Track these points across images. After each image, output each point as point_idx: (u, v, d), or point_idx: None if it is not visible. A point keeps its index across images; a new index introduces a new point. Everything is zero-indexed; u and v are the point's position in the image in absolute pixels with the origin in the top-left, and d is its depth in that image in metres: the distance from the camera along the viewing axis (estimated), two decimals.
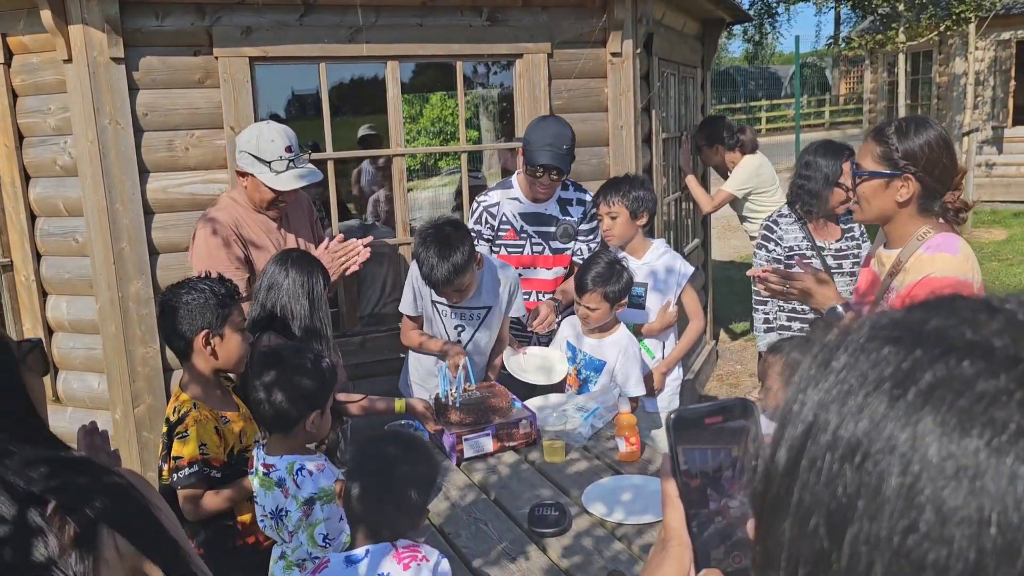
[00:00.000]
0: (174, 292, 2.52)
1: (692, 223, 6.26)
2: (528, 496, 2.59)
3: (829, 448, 0.48)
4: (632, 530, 2.35)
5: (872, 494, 0.45)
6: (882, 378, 0.47)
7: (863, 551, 0.44)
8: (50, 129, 3.60)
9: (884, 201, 2.24)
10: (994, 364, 0.45)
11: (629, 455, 2.77)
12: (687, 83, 5.92)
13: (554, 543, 2.31)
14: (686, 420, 0.76)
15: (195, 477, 2.41)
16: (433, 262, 2.94)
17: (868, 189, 2.27)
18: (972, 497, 0.42)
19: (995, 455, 0.42)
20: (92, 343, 3.69)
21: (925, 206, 2.23)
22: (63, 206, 3.65)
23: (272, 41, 3.64)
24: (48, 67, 3.54)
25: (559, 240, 3.60)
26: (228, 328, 2.50)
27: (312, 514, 2.22)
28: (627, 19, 4.19)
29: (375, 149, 6.26)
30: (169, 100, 3.55)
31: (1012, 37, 11.66)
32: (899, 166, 2.19)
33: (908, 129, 2.22)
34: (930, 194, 2.21)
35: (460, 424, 2.89)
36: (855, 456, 0.46)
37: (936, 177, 2.20)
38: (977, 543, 0.41)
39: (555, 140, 3.36)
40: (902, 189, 2.20)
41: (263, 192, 3.11)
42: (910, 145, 2.19)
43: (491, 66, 8.61)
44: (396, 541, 1.86)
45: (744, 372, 6.53)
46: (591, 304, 3.24)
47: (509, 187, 3.62)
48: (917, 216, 2.24)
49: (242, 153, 3.09)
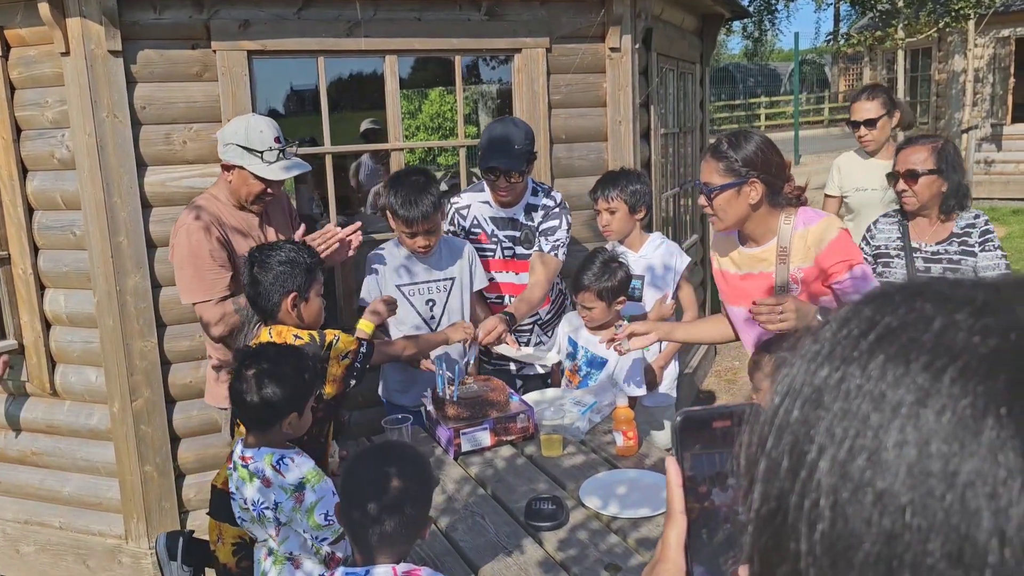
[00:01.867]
0: (266, 254, 2.64)
1: (691, 219, 6.26)
2: (525, 490, 2.59)
3: (790, 396, 0.48)
4: (628, 524, 2.35)
5: (826, 434, 0.44)
6: (850, 331, 0.47)
7: (820, 485, 0.44)
8: (48, 122, 3.60)
9: (739, 207, 2.55)
10: (958, 303, 0.44)
11: (626, 449, 2.78)
12: (686, 79, 5.92)
13: (550, 536, 2.32)
14: (693, 422, 0.74)
15: (370, 349, 2.72)
16: (411, 197, 3.10)
17: (723, 201, 2.55)
18: (912, 427, 0.41)
19: (936, 382, 0.41)
20: (90, 336, 3.69)
21: (773, 200, 2.55)
22: (61, 199, 3.64)
23: (270, 35, 3.64)
24: (46, 60, 3.54)
25: (523, 246, 3.57)
26: (312, 293, 2.67)
27: (305, 498, 2.23)
28: (626, 14, 4.19)
29: (378, 143, 6.26)
30: (167, 93, 3.55)
31: (1011, 34, 11.65)
32: (742, 174, 2.50)
33: (739, 141, 2.53)
34: (773, 190, 2.53)
35: (457, 418, 2.90)
36: (814, 402, 0.46)
37: (774, 174, 2.52)
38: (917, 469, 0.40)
39: (503, 142, 3.35)
40: (751, 192, 2.52)
41: (251, 185, 3.08)
42: (745, 153, 2.51)
43: (490, 61, 8.61)
44: (397, 564, 1.81)
45: (742, 368, 6.53)
46: (587, 303, 3.24)
47: (481, 190, 3.60)
48: (772, 210, 2.56)
49: (229, 146, 3.05)
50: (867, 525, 0.41)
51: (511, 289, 3.62)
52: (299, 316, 2.64)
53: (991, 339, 0.41)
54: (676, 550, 0.73)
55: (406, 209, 3.11)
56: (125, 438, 3.65)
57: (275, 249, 2.66)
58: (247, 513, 2.31)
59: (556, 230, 3.54)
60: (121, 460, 3.70)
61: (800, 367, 0.48)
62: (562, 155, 4.22)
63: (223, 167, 3.13)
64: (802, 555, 0.44)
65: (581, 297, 3.24)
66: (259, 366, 2.25)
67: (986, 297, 0.44)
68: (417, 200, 3.10)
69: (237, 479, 2.31)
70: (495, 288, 3.61)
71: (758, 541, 0.48)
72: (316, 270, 2.69)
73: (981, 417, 0.39)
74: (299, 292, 2.62)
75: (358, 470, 1.88)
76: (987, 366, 0.41)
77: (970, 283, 0.46)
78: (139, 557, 3.76)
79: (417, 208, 3.10)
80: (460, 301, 3.39)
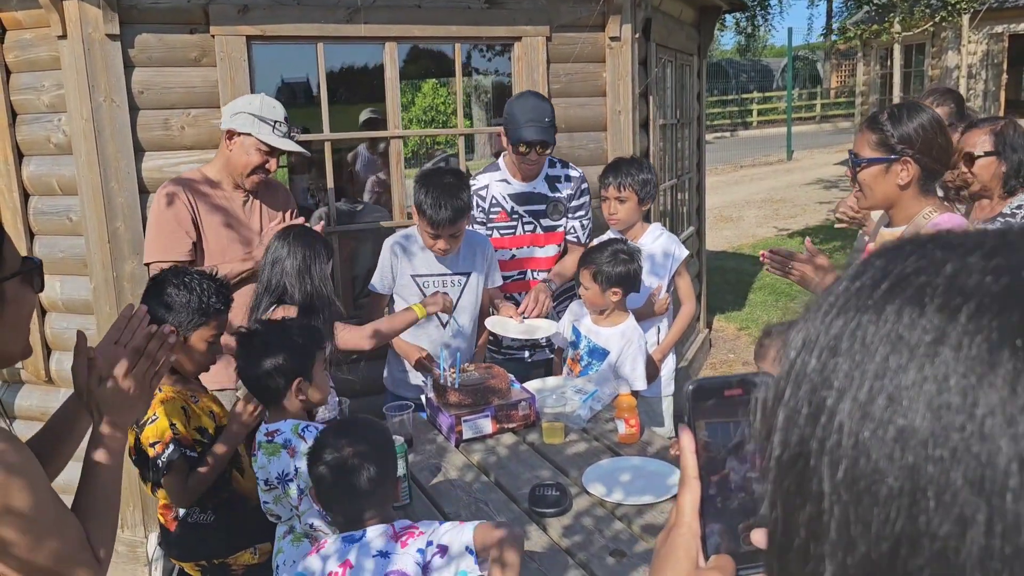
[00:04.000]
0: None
1: (687, 211, 6.25)
2: (528, 477, 2.58)
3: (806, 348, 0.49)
4: (632, 510, 2.35)
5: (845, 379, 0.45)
6: (863, 282, 0.48)
7: (841, 427, 0.45)
8: (44, 106, 3.56)
9: (886, 186, 2.31)
10: (968, 248, 0.45)
11: (629, 437, 2.77)
12: (684, 71, 5.91)
13: (554, 523, 2.31)
14: (705, 391, 0.73)
15: (176, 455, 2.36)
16: (441, 200, 3.01)
17: (869, 176, 2.33)
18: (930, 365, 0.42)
19: (951, 321, 0.42)
20: (86, 323, 3.65)
21: (926, 187, 2.30)
22: (57, 184, 3.61)
23: (269, 20, 3.61)
24: (42, 43, 3.50)
25: (550, 218, 3.60)
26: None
27: None
28: (626, 3, 4.17)
29: None
30: (165, 78, 3.51)
31: (1005, 31, 11.70)
32: (896, 150, 2.26)
33: (901, 114, 2.29)
34: (930, 175, 2.29)
35: (459, 405, 2.88)
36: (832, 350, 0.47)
37: (934, 157, 2.27)
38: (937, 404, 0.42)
39: (537, 115, 3.37)
40: (902, 172, 2.27)
41: (251, 156, 3.08)
42: (905, 129, 2.26)
43: (485, 51, 8.58)
44: (393, 523, 1.86)
45: (737, 361, 6.55)
46: (583, 281, 3.23)
47: (496, 169, 3.61)
48: (920, 197, 2.31)
49: (240, 114, 3.06)
50: (890, 461, 0.42)
51: (534, 264, 3.63)
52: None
53: (1003, 278, 0.43)
54: (691, 515, 0.73)
55: (434, 211, 3.03)
56: None
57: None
58: (271, 492, 2.30)
59: (586, 209, 3.66)
60: None
61: (815, 320, 0.50)
62: (562, 144, 4.20)
63: (226, 135, 3.10)
64: (825, 495, 0.45)
65: (581, 274, 3.23)
66: (253, 342, 2.29)
67: (995, 242, 0.46)
68: (447, 204, 3.02)
69: (261, 459, 2.31)
70: (518, 264, 3.60)
71: (779, 487, 0.49)
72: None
73: (997, 350, 0.41)
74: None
75: (316, 451, 1.94)
76: (1000, 303, 0.42)
77: (977, 232, 0.48)
78: (135, 546, 3.74)
79: (446, 212, 3.02)
80: (474, 297, 3.36)
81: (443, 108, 20.23)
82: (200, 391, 2.61)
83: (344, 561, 1.81)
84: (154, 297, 2.44)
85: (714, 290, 7.82)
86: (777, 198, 14.43)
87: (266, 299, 2.81)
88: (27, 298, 1.42)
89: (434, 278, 3.28)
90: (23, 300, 1.40)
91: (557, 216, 3.61)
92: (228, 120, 3.09)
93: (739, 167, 18.88)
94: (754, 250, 10.52)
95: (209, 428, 2.52)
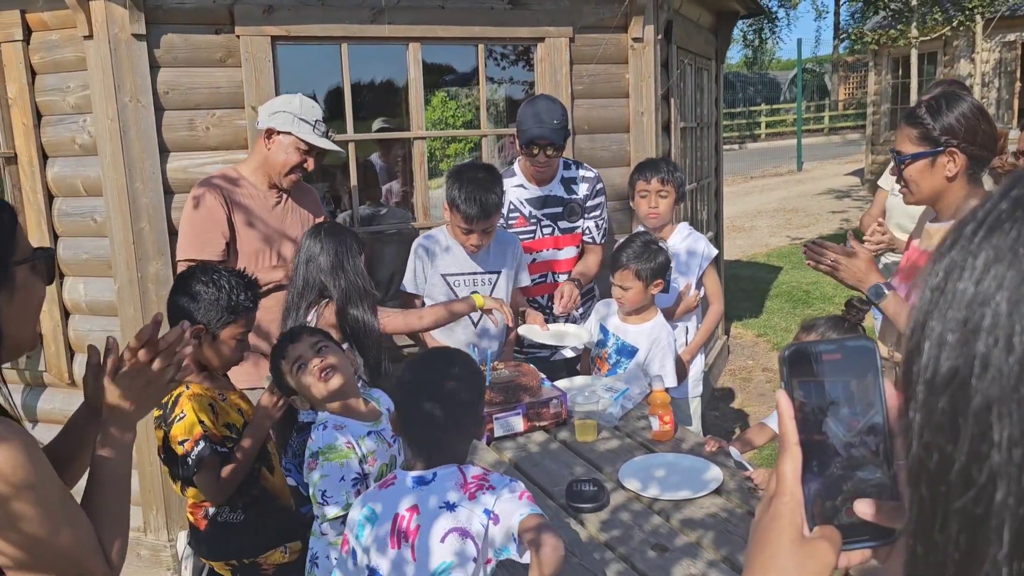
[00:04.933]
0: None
1: (707, 215, 6.22)
2: (562, 473, 2.54)
3: (957, 270, 0.48)
4: (670, 505, 2.31)
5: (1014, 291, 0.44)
6: (1016, 197, 0.47)
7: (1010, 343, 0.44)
8: (69, 107, 3.56)
9: (933, 180, 2.26)
10: None
11: (663, 434, 2.73)
12: (702, 75, 5.90)
13: (592, 518, 2.27)
14: (802, 355, 0.70)
15: (208, 451, 2.34)
16: (473, 196, 3.01)
17: (915, 172, 2.28)
18: None
19: None
20: (109, 325, 3.64)
21: (974, 176, 2.25)
22: (81, 186, 3.60)
23: (294, 21, 3.61)
24: (68, 44, 3.50)
25: (567, 220, 3.59)
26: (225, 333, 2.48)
27: (316, 468, 2.20)
28: (649, 4, 4.16)
29: (388, 143, 6.24)
30: (190, 79, 3.51)
31: (1018, 39, 11.67)
32: (940, 142, 2.21)
33: (940, 106, 2.24)
34: (978, 162, 2.23)
35: (490, 403, 2.85)
36: (989, 265, 0.46)
37: (980, 144, 2.22)
38: None
39: (545, 116, 3.36)
40: (949, 164, 2.23)
41: (290, 155, 3.08)
42: (947, 120, 2.21)
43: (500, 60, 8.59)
44: (464, 467, 1.80)
45: (757, 367, 6.50)
46: (624, 283, 3.19)
47: (512, 175, 3.59)
48: (968, 188, 2.26)
49: (279, 113, 3.06)
50: None
51: (555, 266, 3.62)
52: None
53: None
54: (793, 482, 0.69)
55: (468, 205, 3.02)
56: (144, 429, 3.59)
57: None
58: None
59: (602, 209, 3.63)
60: (140, 451, 3.63)
61: (961, 244, 0.49)
62: (584, 146, 4.19)
63: (266, 134, 3.09)
64: (993, 403, 0.44)
65: (619, 276, 3.19)
66: None
67: None
68: (481, 198, 3.01)
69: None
70: (539, 268, 3.59)
71: (930, 413, 0.48)
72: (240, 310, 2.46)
73: None
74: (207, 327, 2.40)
75: (408, 376, 1.88)
76: None
77: None
78: (158, 549, 3.70)
79: (480, 207, 3.02)
80: (504, 295, 3.34)
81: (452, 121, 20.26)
82: (228, 388, 2.59)
83: (413, 506, 1.77)
84: (183, 293, 2.42)
85: (730, 298, 7.76)
86: (789, 208, 14.39)
87: (305, 299, 2.79)
88: (37, 287, 1.42)
89: (464, 276, 3.26)
90: (33, 288, 1.40)
91: (574, 218, 3.60)
92: (267, 119, 3.09)
93: (749, 178, 18.86)
94: (768, 259, 10.48)
95: (238, 424, 2.50)
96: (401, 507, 1.78)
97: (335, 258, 2.78)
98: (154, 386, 1.49)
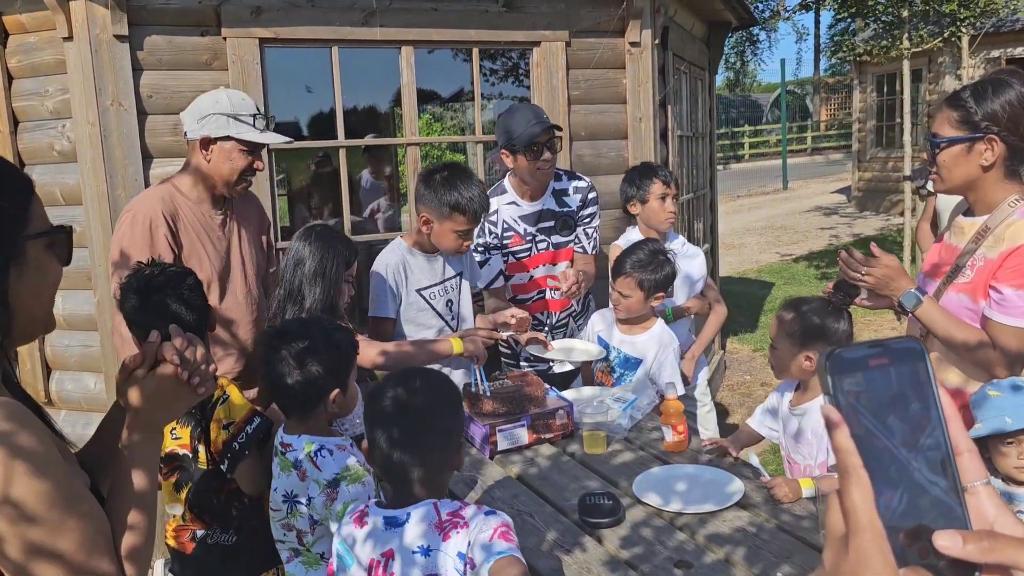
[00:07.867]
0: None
1: (703, 228, 6.12)
2: (574, 488, 2.39)
3: None
4: (694, 519, 2.16)
5: None
6: None
7: None
8: (47, 112, 3.41)
9: (968, 167, 2.13)
10: None
11: (677, 445, 2.59)
12: (696, 84, 5.82)
13: (610, 534, 2.12)
14: (846, 361, 0.59)
15: (262, 431, 2.23)
16: (474, 192, 2.86)
17: (949, 157, 2.15)
18: None
19: None
20: (88, 340, 3.47)
21: (1012, 169, 2.12)
22: (60, 194, 3.45)
23: (283, 22, 3.48)
24: (46, 47, 3.36)
25: (560, 234, 3.44)
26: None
27: (339, 496, 2.02)
28: (646, 8, 4.07)
29: (379, 159, 6.12)
30: (174, 82, 3.37)
31: (1002, 55, 11.74)
32: (980, 128, 2.09)
33: (985, 90, 2.11)
34: (1017, 154, 2.11)
35: (493, 414, 2.70)
36: None
37: (1022, 135, 2.09)
38: None
39: (535, 113, 3.24)
40: (986, 152, 2.10)
41: (235, 160, 2.68)
42: (990, 105, 2.08)
43: (488, 76, 8.50)
44: (440, 503, 1.65)
45: (755, 381, 6.37)
46: (624, 290, 3.06)
47: (503, 192, 3.42)
48: (1004, 180, 2.13)
49: (210, 116, 2.65)
50: None
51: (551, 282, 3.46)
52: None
53: None
54: (869, 512, 0.55)
55: (477, 203, 2.86)
56: None
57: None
58: (280, 509, 2.10)
59: (594, 218, 3.48)
60: None
61: None
62: (583, 152, 4.08)
63: (201, 144, 2.67)
64: None
65: (621, 283, 3.06)
66: (292, 344, 2.06)
67: None
68: (481, 192, 2.89)
69: (276, 466, 2.12)
70: (536, 285, 3.45)
71: None
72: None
73: None
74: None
75: (377, 398, 1.71)
76: None
77: None
78: None
79: (486, 199, 2.92)
80: (468, 297, 3.21)
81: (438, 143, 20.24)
82: None
83: (388, 551, 1.62)
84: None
85: None
86: (777, 225, 14.37)
87: (290, 307, 2.63)
88: (52, 266, 1.29)
89: (436, 287, 3.06)
90: (47, 267, 1.28)
91: (567, 232, 3.45)
92: (196, 127, 2.67)
93: (736, 197, 18.86)
94: (759, 275, 10.40)
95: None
96: (376, 551, 1.64)
97: (318, 264, 2.61)
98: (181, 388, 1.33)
